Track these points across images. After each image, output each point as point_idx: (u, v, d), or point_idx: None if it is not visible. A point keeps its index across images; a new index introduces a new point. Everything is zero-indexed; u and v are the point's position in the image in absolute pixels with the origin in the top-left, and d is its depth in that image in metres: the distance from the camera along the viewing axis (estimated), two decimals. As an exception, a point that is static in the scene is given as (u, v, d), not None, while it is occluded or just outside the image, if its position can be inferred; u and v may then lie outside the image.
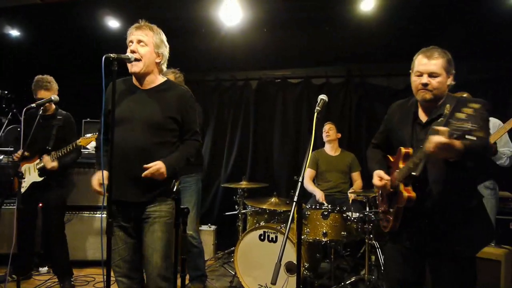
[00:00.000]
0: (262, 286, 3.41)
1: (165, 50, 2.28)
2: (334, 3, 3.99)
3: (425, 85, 1.97)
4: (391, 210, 2.09)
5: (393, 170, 2.13)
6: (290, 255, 3.21)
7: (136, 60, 2.13)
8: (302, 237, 3.17)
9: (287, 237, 1.74)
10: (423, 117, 2.08)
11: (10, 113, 4.52)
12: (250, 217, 4.10)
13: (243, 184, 4.27)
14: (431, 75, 1.96)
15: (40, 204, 3.66)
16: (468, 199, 2.00)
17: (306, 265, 3.51)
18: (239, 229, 4.29)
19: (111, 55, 1.97)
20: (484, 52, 4.42)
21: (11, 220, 3.97)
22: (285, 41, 4.72)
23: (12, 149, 4.14)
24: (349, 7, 3.96)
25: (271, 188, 4.35)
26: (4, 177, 3.84)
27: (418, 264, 2.10)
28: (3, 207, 3.88)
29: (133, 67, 2.15)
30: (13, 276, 3.64)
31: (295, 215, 1.81)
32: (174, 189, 1.95)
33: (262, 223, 3.67)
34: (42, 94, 3.48)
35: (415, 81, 2.02)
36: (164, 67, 2.31)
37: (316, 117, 2.00)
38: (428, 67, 1.96)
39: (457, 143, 1.65)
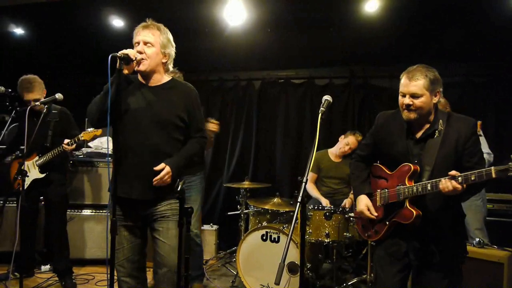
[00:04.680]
0: (263, 286, 3.41)
1: (172, 50, 2.28)
2: (338, 4, 3.99)
3: (408, 105, 2.03)
4: (387, 222, 2.13)
5: (390, 182, 2.16)
6: (292, 255, 3.21)
7: (143, 59, 2.15)
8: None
9: (291, 237, 1.74)
10: (415, 132, 2.12)
11: (14, 111, 4.53)
12: (252, 217, 4.11)
13: (246, 184, 4.28)
14: (413, 96, 2.01)
15: (43, 202, 3.67)
16: (454, 218, 2.09)
17: (308, 265, 3.51)
18: (241, 229, 4.30)
19: (117, 54, 1.98)
20: (485, 53, 4.44)
21: (13, 218, 3.99)
22: (288, 42, 4.72)
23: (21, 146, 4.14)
24: (353, 9, 3.95)
25: (274, 189, 4.35)
26: (7, 175, 3.84)
27: (402, 272, 2.16)
28: (6, 205, 3.90)
29: (140, 66, 2.15)
30: (16, 273, 3.66)
31: (299, 216, 1.81)
32: (179, 189, 1.95)
33: (264, 223, 3.68)
34: (28, 96, 3.44)
35: (400, 100, 2.09)
36: (170, 66, 2.32)
37: (321, 117, 2.01)
38: (409, 88, 2.01)
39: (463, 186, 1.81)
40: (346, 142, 4.19)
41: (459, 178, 1.80)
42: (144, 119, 2.15)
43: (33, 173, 3.51)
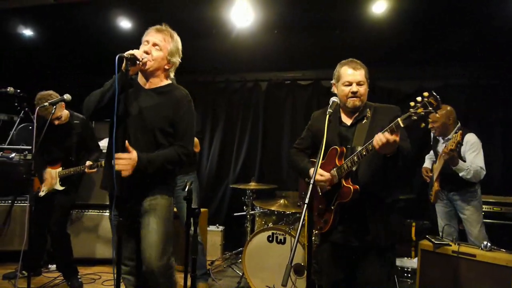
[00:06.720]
0: (269, 287, 3.41)
1: (178, 60, 2.29)
2: (345, 5, 3.98)
3: (354, 93, 2.20)
4: (332, 207, 2.19)
5: (325, 170, 2.22)
6: (298, 257, 3.21)
7: (148, 61, 2.15)
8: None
9: (298, 239, 1.73)
10: (346, 120, 2.30)
11: (22, 112, 4.59)
12: (258, 218, 4.10)
13: (252, 185, 4.28)
14: (359, 83, 2.21)
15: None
16: (386, 194, 2.21)
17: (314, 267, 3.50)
18: (247, 230, 4.30)
19: (124, 54, 1.99)
20: (491, 54, 4.41)
21: (22, 217, 4.03)
22: (295, 43, 4.71)
23: (28, 147, 4.18)
24: (360, 10, 3.94)
25: (280, 190, 4.35)
26: (16, 175, 3.88)
27: (349, 261, 2.25)
28: (15, 204, 3.94)
29: (144, 65, 2.16)
30: (24, 272, 3.69)
31: (306, 217, 1.81)
32: (186, 189, 1.96)
33: (270, 225, 3.67)
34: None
35: (344, 90, 2.24)
36: (172, 74, 2.32)
37: (328, 119, 2.02)
38: (356, 77, 2.22)
39: (397, 138, 1.88)
40: None
41: (385, 132, 1.91)
42: (131, 121, 2.13)
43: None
